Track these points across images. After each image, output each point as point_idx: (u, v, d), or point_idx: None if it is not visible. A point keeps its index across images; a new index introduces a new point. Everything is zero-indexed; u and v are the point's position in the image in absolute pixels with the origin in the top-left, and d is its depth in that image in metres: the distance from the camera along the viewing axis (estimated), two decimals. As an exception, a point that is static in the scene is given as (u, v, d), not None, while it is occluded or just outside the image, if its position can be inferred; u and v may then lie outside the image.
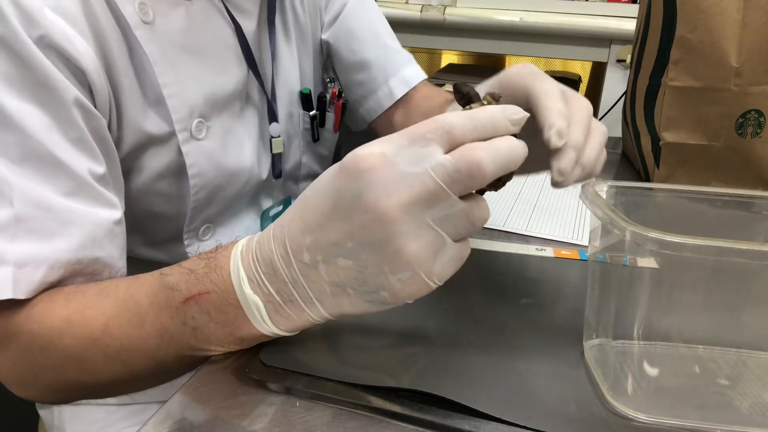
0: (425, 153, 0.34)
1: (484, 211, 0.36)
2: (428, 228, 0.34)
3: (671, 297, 0.38)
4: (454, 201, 0.34)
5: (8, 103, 0.44)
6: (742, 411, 0.38)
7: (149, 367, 0.43)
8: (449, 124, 0.34)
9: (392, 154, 0.34)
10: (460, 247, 0.36)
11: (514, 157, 0.35)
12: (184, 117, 0.56)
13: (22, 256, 0.43)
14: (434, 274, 0.35)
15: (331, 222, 0.35)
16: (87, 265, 0.46)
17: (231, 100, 0.62)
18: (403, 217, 0.33)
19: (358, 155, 0.35)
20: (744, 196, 0.44)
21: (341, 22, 0.76)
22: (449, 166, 0.33)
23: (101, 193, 0.48)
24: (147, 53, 0.52)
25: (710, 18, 0.66)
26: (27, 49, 0.44)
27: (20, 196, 0.44)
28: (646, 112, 0.77)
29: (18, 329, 0.44)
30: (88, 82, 0.48)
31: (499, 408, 0.37)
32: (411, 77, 0.78)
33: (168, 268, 0.43)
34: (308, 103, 0.73)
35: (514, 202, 0.73)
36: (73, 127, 0.46)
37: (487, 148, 0.34)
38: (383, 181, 0.34)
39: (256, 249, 0.38)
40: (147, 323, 0.41)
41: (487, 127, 0.35)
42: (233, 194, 0.64)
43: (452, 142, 0.34)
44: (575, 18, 1.33)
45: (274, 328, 0.39)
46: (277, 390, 0.40)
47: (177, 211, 0.60)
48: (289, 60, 0.70)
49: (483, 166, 0.33)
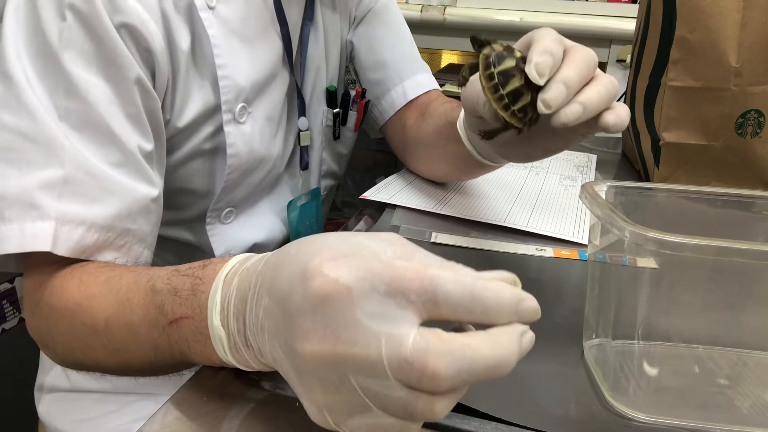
0: (394, 316, 0.28)
1: (432, 411, 0.28)
2: (351, 390, 0.29)
3: (671, 297, 0.38)
4: (391, 385, 0.28)
5: (78, 74, 0.47)
6: (742, 411, 0.38)
7: (147, 367, 0.44)
8: (443, 293, 0.28)
9: (357, 295, 0.28)
10: (396, 422, 0.29)
11: (493, 374, 0.28)
12: (231, 99, 0.59)
13: (64, 215, 0.46)
14: (346, 426, 0.30)
15: (279, 310, 0.31)
16: (119, 235, 0.49)
17: (270, 91, 0.65)
18: (327, 367, 0.29)
19: (321, 274, 0.29)
20: (744, 196, 0.44)
21: (365, 23, 0.79)
22: (404, 353, 0.27)
23: (145, 170, 0.52)
24: (209, 35, 0.56)
25: (710, 18, 0.66)
26: (105, 29, 0.48)
27: (71, 159, 0.47)
28: (646, 112, 0.77)
29: (42, 298, 0.47)
30: (153, 64, 0.52)
31: (499, 408, 0.37)
32: (425, 82, 0.80)
33: (161, 274, 0.42)
34: (333, 100, 0.75)
35: (514, 201, 0.73)
36: (132, 103, 0.50)
37: (459, 358, 0.27)
38: (327, 319, 0.28)
39: (241, 274, 0.36)
40: (141, 335, 0.42)
41: (490, 313, 0.28)
42: (258, 180, 0.68)
43: (434, 314, 0.28)
44: (575, 18, 1.33)
45: (235, 363, 0.37)
46: (277, 390, 0.40)
47: (207, 190, 0.64)
48: (319, 57, 0.73)
49: (438, 380, 0.27)
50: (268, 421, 0.37)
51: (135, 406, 0.69)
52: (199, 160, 0.62)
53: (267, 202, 0.73)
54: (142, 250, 0.52)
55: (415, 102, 0.79)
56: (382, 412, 0.29)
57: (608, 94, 0.44)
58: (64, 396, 0.72)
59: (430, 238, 0.63)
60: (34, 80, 0.47)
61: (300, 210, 0.75)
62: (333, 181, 0.83)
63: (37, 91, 0.47)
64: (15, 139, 0.46)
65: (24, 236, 0.45)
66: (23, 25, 0.48)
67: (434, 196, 0.73)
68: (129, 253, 0.51)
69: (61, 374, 0.72)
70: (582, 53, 0.44)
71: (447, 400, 0.29)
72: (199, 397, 0.39)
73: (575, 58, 0.44)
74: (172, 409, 0.38)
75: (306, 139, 0.73)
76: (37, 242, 0.45)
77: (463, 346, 0.27)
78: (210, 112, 0.59)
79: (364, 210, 0.74)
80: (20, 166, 0.46)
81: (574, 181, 0.82)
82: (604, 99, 0.44)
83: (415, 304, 0.28)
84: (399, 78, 0.79)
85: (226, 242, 0.68)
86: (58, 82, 0.47)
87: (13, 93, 0.47)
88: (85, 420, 0.70)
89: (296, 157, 0.74)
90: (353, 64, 0.81)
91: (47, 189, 0.46)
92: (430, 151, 0.73)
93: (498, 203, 0.72)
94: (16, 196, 0.46)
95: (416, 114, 0.77)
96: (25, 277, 0.50)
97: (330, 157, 0.79)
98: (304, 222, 0.76)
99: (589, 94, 0.43)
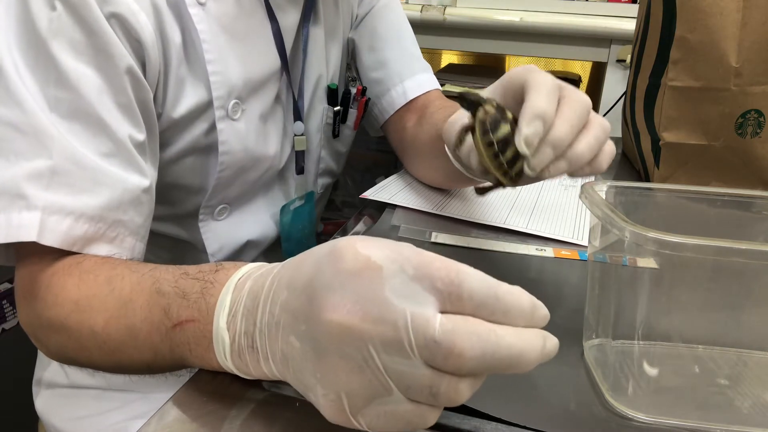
0: (420, 297, 0.28)
1: (456, 392, 0.29)
2: (375, 369, 0.29)
3: (671, 297, 0.38)
4: (416, 364, 0.28)
5: (68, 63, 0.47)
6: (742, 411, 0.38)
7: (143, 369, 0.44)
8: (468, 289, 0.28)
9: (387, 275, 0.28)
10: (414, 409, 0.29)
11: (516, 364, 0.28)
12: (223, 95, 0.59)
13: (51, 205, 0.46)
14: (363, 415, 0.30)
15: (301, 296, 0.31)
16: (110, 226, 0.49)
17: (265, 90, 0.65)
18: (353, 342, 0.29)
19: (354, 250, 0.30)
20: (744, 196, 0.44)
21: (367, 22, 0.79)
22: (431, 331, 0.27)
23: (136, 160, 0.51)
24: (198, 30, 0.56)
25: (710, 18, 0.66)
26: (95, 18, 0.48)
27: (60, 150, 0.46)
28: (646, 112, 0.77)
29: (38, 292, 0.47)
30: (144, 55, 0.52)
31: (499, 408, 0.37)
32: (426, 83, 0.80)
33: (167, 277, 0.42)
34: (333, 98, 0.75)
35: (514, 202, 0.73)
36: (122, 93, 0.50)
37: (485, 341, 0.28)
38: (356, 294, 0.29)
39: (255, 277, 0.36)
40: (140, 337, 0.41)
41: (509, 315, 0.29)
42: (253, 179, 0.67)
43: (457, 307, 0.29)
44: (575, 18, 1.33)
45: (234, 369, 0.37)
46: (277, 390, 0.40)
47: (199, 186, 0.64)
48: (319, 54, 0.72)
49: (463, 359, 0.27)
50: (268, 422, 0.37)
51: (133, 404, 0.68)
52: (193, 156, 0.61)
53: (262, 201, 0.72)
54: (134, 242, 0.51)
55: (415, 102, 0.78)
56: (403, 395, 0.29)
57: (598, 144, 0.45)
58: (62, 392, 0.72)
59: (430, 238, 0.63)
60: (24, 70, 0.47)
61: (293, 214, 0.74)
62: (330, 179, 0.83)
63: (27, 81, 0.47)
64: (3, 129, 0.46)
65: (10, 226, 0.45)
66: (12, 14, 0.48)
67: (434, 196, 0.73)
68: (122, 246, 0.50)
69: (59, 370, 0.72)
70: (575, 105, 0.45)
71: (469, 384, 0.29)
72: (199, 397, 0.39)
73: (568, 113, 0.44)
74: (172, 409, 0.38)
75: (301, 143, 0.72)
76: (22, 232, 0.45)
77: (489, 331, 0.28)
78: (203, 107, 0.59)
79: (363, 210, 0.74)
80: (8, 157, 0.46)
81: (574, 181, 0.82)
82: (593, 150, 0.45)
83: (441, 292, 0.28)
84: (399, 78, 0.79)
85: (218, 239, 0.68)
86: (48, 71, 0.47)
87: (2, 83, 0.47)
88: (83, 417, 0.70)
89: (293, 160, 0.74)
90: (354, 61, 0.81)
91: (35, 179, 0.46)
92: (424, 159, 0.73)
93: (498, 204, 0.72)
94: (2, 187, 0.46)
95: (415, 116, 0.77)
96: (17, 269, 0.50)
97: (328, 155, 0.79)
98: (297, 225, 0.76)
99: (579, 149, 0.44)
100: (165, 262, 0.45)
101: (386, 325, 0.28)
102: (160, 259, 0.68)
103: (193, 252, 0.70)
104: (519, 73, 0.47)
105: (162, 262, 0.45)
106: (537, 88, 0.45)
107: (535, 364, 0.29)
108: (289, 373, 0.33)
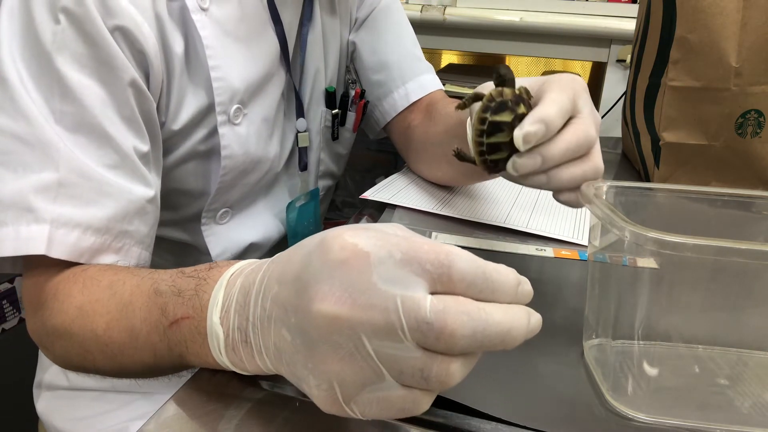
0: (409, 281, 0.28)
1: (447, 374, 0.29)
2: (366, 356, 0.29)
3: (671, 297, 0.38)
4: (408, 347, 0.28)
5: (72, 76, 0.48)
6: (742, 411, 0.38)
7: (145, 371, 0.44)
8: (459, 270, 0.29)
9: (375, 261, 0.29)
10: (407, 394, 0.29)
11: (505, 340, 0.29)
12: (226, 101, 0.59)
13: (59, 218, 0.46)
14: (356, 403, 0.30)
15: (291, 288, 0.31)
16: (116, 237, 0.49)
17: (266, 92, 0.65)
18: (343, 330, 0.29)
19: (342, 239, 0.30)
20: (744, 196, 0.44)
21: (368, 24, 0.79)
22: (422, 313, 0.28)
23: (141, 171, 0.52)
24: (201, 36, 0.56)
25: (710, 18, 0.66)
26: (99, 32, 0.48)
27: (66, 162, 0.47)
28: (646, 112, 0.77)
29: (45, 302, 0.47)
30: (147, 65, 0.52)
31: (498, 408, 0.37)
32: (428, 83, 0.80)
33: (165, 277, 0.42)
34: (332, 100, 0.75)
35: (514, 201, 0.73)
36: (126, 105, 0.50)
37: (476, 319, 0.28)
38: (345, 282, 0.29)
39: (247, 273, 0.36)
40: (140, 338, 0.42)
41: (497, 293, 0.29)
42: (254, 182, 0.68)
43: (448, 287, 0.29)
44: (575, 18, 1.33)
45: (229, 364, 0.37)
46: (277, 390, 0.40)
47: (201, 190, 0.64)
48: (318, 57, 0.72)
49: (455, 338, 0.28)
50: (267, 421, 0.37)
51: (133, 405, 0.69)
52: (195, 161, 0.62)
53: (264, 203, 0.73)
54: (140, 252, 0.52)
55: (419, 103, 0.78)
56: (395, 381, 0.29)
57: (583, 178, 0.45)
58: (62, 394, 0.72)
59: (430, 238, 0.63)
60: (29, 83, 0.47)
61: (299, 210, 0.75)
62: (331, 181, 0.83)
63: (32, 94, 0.47)
64: (10, 142, 0.46)
65: (18, 239, 0.45)
66: (17, 27, 0.48)
67: (434, 196, 0.73)
68: (128, 255, 0.51)
69: (60, 373, 0.72)
70: (580, 133, 0.44)
71: (461, 364, 0.29)
72: (199, 396, 0.39)
73: (570, 137, 0.44)
74: (172, 408, 0.38)
75: (304, 140, 0.73)
76: (31, 245, 0.45)
77: (479, 309, 0.28)
78: (204, 113, 0.59)
79: (364, 210, 0.74)
80: (15, 170, 0.46)
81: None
82: (576, 181, 0.45)
83: (430, 273, 0.29)
84: (401, 80, 0.79)
85: (221, 242, 0.68)
86: (52, 84, 0.47)
87: (7, 96, 0.47)
88: (83, 418, 0.70)
89: (294, 158, 0.74)
90: (354, 64, 0.81)
91: (42, 192, 0.46)
92: (437, 150, 0.72)
93: (498, 204, 0.72)
94: (11, 200, 0.46)
95: (421, 115, 0.77)
96: (24, 279, 0.50)
97: (328, 157, 0.79)
98: (303, 222, 0.76)
99: (563, 174, 0.45)
100: (169, 265, 0.46)
101: (376, 311, 0.28)
102: (165, 262, 0.68)
103: (197, 255, 0.70)
104: (547, 79, 0.47)
105: (166, 265, 0.45)
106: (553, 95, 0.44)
107: (522, 340, 0.29)
108: (283, 366, 0.33)
